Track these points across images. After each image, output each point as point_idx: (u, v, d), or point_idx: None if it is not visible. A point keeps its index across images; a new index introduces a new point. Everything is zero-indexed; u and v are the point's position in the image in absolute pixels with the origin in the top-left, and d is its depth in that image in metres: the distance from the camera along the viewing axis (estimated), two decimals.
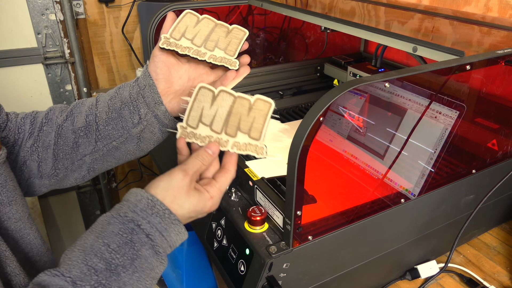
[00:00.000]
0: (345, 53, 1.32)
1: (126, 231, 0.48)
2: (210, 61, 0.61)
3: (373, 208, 0.67)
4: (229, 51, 0.62)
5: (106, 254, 0.47)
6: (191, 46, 0.61)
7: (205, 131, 0.57)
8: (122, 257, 0.47)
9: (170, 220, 0.51)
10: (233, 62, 0.62)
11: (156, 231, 0.50)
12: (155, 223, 0.50)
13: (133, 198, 0.51)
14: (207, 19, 0.63)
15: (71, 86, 1.70)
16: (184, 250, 1.25)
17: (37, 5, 1.53)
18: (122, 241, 0.48)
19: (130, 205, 0.51)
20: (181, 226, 0.52)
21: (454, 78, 0.69)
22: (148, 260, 0.49)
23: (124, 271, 0.47)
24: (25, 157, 0.64)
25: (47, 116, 0.66)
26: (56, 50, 1.62)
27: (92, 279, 0.45)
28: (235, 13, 1.42)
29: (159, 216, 0.50)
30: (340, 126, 0.90)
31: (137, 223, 0.49)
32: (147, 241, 0.49)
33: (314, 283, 0.67)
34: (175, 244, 0.53)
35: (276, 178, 0.76)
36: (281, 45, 1.63)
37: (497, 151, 0.80)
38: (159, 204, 0.51)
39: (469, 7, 1.00)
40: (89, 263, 0.46)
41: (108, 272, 0.46)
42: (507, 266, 0.83)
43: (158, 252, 0.50)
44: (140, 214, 0.50)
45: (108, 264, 0.46)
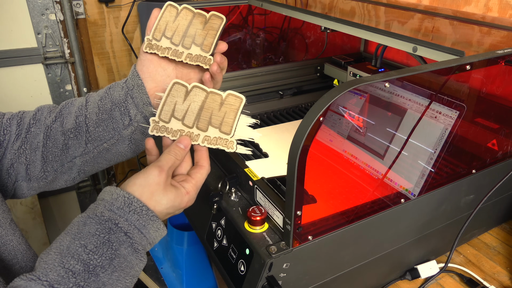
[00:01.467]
0: (345, 53, 1.32)
1: (104, 231, 0.48)
2: (186, 61, 0.62)
3: (373, 208, 0.67)
4: (205, 47, 0.62)
5: (84, 255, 0.46)
6: (170, 46, 0.62)
7: (177, 125, 0.59)
8: (100, 258, 0.46)
9: (148, 217, 0.50)
10: (208, 60, 0.62)
11: (134, 229, 0.49)
12: (133, 221, 0.49)
13: (108, 196, 0.50)
14: (186, 9, 0.62)
15: (71, 86, 1.70)
16: (184, 250, 1.25)
17: (37, 5, 1.53)
18: (100, 241, 0.47)
19: (106, 204, 0.50)
20: (159, 222, 0.52)
21: (454, 78, 0.69)
22: (127, 258, 0.49)
23: (102, 271, 0.46)
24: (12, 159, 0.62)
25: (35, 117, 0.64)
26: (56, 50, 1.62)
27: (70, 281, 0.44)
28: (235, 13, 1.42)
29: (137, 213, 0.50)
30: (340, 126, 0.90)
31: (114, 222, 0.48)
32: (126, 239, 0.48)
33: (314, 283, 0.67)
34: (155, 241, 0.52)
35: (276, 178, 0.76)
36: (281, 45, 1.63)
37: (497, 151, 0.80)
38: (136, 201, 0.50)
39: (469, 7, 1.00)
40: (66, 266, 0.45)
41: (86, 274, 0.45)
42: (507, 266, 0.83)
43: (137, 250, 0.49)
44: (117, 212, 0.49)
45: (86, 265, 0.46)
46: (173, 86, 0.59)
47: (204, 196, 0.80)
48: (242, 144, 0.60)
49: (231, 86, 1.15)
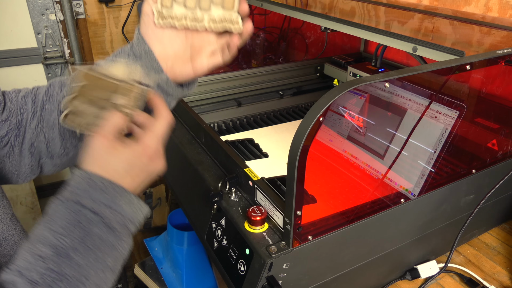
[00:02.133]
0: (345, 53, 1.32)
1: (71, 213, 0.46)
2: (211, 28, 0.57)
3: (373, 208, 0.67)
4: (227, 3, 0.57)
5: (52, 239, 0.44)
6: (186, 12, 0.57)
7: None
8: (70, 240, 0.45)
9: (115, 191, 0.48)
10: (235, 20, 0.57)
11: (102, 205, 0.47)
12: (99, 198, 0.47)
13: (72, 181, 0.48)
14: None
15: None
16: (184, 250, 1.25)
17: (37, 5, 1.53)
18: (68, 223, 0.45)
19: (69, 187, 0.48)
20: (129, 194, 0.49)
21: (454, 78, 0.69)
22: (104, 238, 0.47)
23: (75, 252, 0.45)
24: (32, 139, 0.61)
25: (47, 93, 0.62)
26: (56, 50, 1.62)
27: (39, 265, 0.43)
28: None
29: (100, 189, 0.47)
30: (340, 126, 0.90)
31: (79, 203, 0.47)
32: (95, 217, 0.46)
33: (314, 283, 0.67)
34: (135, 217, 0.50)
35: (276, 178, 0.76)
36: (281, 45, 1.63)
37: (497, 151, 0.80)
38: (97, 178, 0.48)
39: (469, 7, 1.00)
40: (34, 251, 0.44)
41: (57, 257, 0.44)
42: (507, 266, 0.83)
43: (112, 228, 0.47)
44: (81, 194, 0.47)
45: (56, 248, 0.44)
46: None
47: (204, 196, 0.80)
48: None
49: (230, 86, 1.15)
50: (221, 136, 0.95)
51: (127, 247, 0.49)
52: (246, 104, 1.14)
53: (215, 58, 0.60)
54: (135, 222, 0.50)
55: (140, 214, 0.50)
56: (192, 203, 0.88)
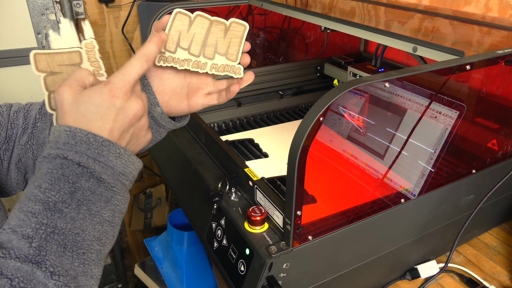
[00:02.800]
0: (345, 53, 1.32)
1: (56, 167, 0.45)
2: (212, 72, 0.60)
3: (373, 208, 0.67)
4: (231, 56, 0.60)
5: (40, 194, 0.44)
6: (189, 57, 0.59)
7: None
8: (58, 193, 0.44)
9: (98, 143, 0.46)
10: (237, 69, 0.60)
11: (88, 158, 0.45)
12: (83, 151, 0.46)
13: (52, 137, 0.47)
14: (200, 17, 0.58)
15: None
16: (184, 250, 1.25)
17: (37, 5, 1.53)
18: (54, 178, 0.44)
19: (51, 144, 0.46)
20: (116, 146, 0.47)
21: (454, 78, 0.69)
22: (95, 191, 0.46)
23: (65, 206, 0.44)
24: (20, 154, 0.62)
25: (41, 111, 0.63)
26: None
27: (32, 221, 0.43)
28: (235, 13, 1.42)
29: (84, 142, 0.46)
30: (340, 126, 0.90)
31: (63, 156, 0.45)
32: (82, 170, 0.45)
33: (314, 283, 0.67)
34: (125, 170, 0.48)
35: (276, 178, 0.76)
36: (281, 45, 1.63)
37: (497, 151, 0.80)
38: (79, 131, 0.46)
39: (469, 7, 1.00)
40: (24, 209, 0.43)
41: (48, 211, 0.43)
42: (507, 266, 0.83)
43: (102, 180, 0.46)
44: (63, 148, 0.46)
45: (45, 203, 0.43)
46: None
47: (204, 196, 0.80)
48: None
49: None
50: (221, 136, 0.95)
51: (124, 200, 0.48)
52: (246, 104, 1.14)
53: (211, 99, 0.63)
54: (127, 175, 0.48)
55: (132, 167, 0.49)
56: (192, 203, 0.88)
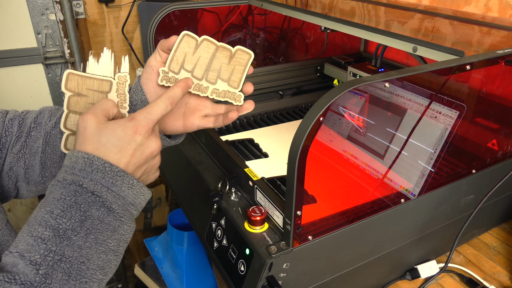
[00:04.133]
0: (345, 53, 1.32)
1: (69, 194, 0.45)
2: (212, 97, 0.60)
3: (373, 208, 0.67)
4: (233, 83, 0.60)
5: (51, 220, 0.44)
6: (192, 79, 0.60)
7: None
8: (69, 221, 0.44)
9: (114, 173, 0.47)
10: (238, 96, 0.60)
11: (102, 187, 0.46)
12: (98, 179, 0.46)
13: (68, 161, 0.48)
14: (207, 41, 0.59)
15: None
16: (184, 250, 1.25)
17: (37, 5, 1.53)
18: (66, 205, 0.45)
19: (67, 169, 0.47)
20: (130, 177, 0.48)
21: (454, 78, 0.69)
22: (104, 220, 0.46)
23: (74, 234, 0.44)
24: (12, 163, 0.61)
25: (36, 120, 0.63)
26: (56, 50, 1.62)
27: (41, 248, 0.43)
28: (235, 13, 1.42)
29: (100, 171, 0.46)
30: (340, 126, 0.90)
31: (78, 184, 0.46)
32: (95, 199, 0.46)
33: (314, 283, 0.67)
34: (135, 200, 0.49)
35: (276, 178, 0.76)
36: (281, 45, 1.63)
37: (497, 151, 0.80)
38: (97, 159, 0.47)
39: (469, 7, 1.00)
40: (34, 234, 0.44)
41: (57, 238, 0.44)
42: (507, 266, 0.83)
43: (112, 209, 0.47)
44: (79, 174, 0.46)
45: (56, 230, 0.44)
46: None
47: (204, 196, 0.80)
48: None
49: None
50: (221, 136, 0.95)
51: (130, 230, 0.49)
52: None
53: (207, 122, 0.63)
54: (136, 206, 0.49)
55: (142, 198, 0.50)
56: (192, 203, 0.88)
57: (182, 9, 1.14)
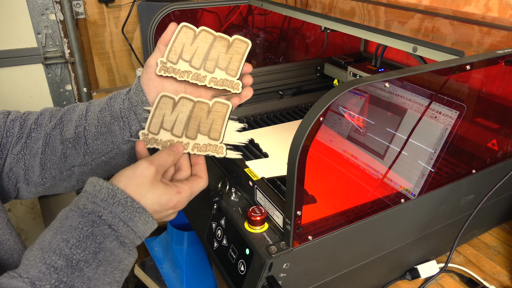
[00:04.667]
0: (345, 53, 1.32)
1: (87, 224, 0.46)
2: (211, 85, 0.60)
3: (373, 208, 0.67)
4: (231, 71, 0.60)
5: (66, 250, 0.44)
6: (190, 69, 0.60)
7: (166, 136, 0.59)
8: (83, 252, 0.45)
9: (134, 209, 0.48)
10: (236, 84, 0.60)
11: (119, 221, 0.47)
12: (118, 213, 0.47)
13: (91, 188, 0.48)
14: (205, 31, 0.60)
15: (71, 86, 1.70)
16: (184, 250, 1.25)
17: (37, 5, 1.53)
18: (83, 235, 0.45)
19: (89, 196, 0.48)
20: (147, 214, 0.50)
21: (454, 78, 0.69)
22: (114, 252, 0.47)
23: (87, 266, 0.44)
24: (12, 163, 0.61)
25: (36, 121, 0.63)
26: (56, 50, 1.62)
27: (52, 277, 0.43)
28: (235, 13, 1.42)
29: (121, 205, 0.47)
30: (340, 126, 0.90)
31: (98, 214, 0.46)
32: (111, 232, 0.46)
33: (314, 283, 0.67)
34: (144, 234, 0.50)
35: (276, 178, 0.76)
36: (281, 45, 1.63)
37: (497, 151, 0.80)
38: (120, 192, 0.48)
39: (469, 7, 0.99)
40: (48, 261, 0.43)
41: (69, 269, 0.44)
42: (507, 266, 0.83)
43: (124, 243, 0.48)
44: (100, 204, 0.47)
45: (69, 260, 0.44)
46: (160, 99, 0.59)
47: (204, 196, 0.80)
48: (232, 149, 0.61)
49: None
50: None
51: (133, 261, 0.50)
52: (246, 104, 1.14)
53: None
54: (142, 238, 0.51)
55: (149, 231, 0.52)
56: (192, 203, 0.87)
57: (182, 9, 1.14)
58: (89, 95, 1.72)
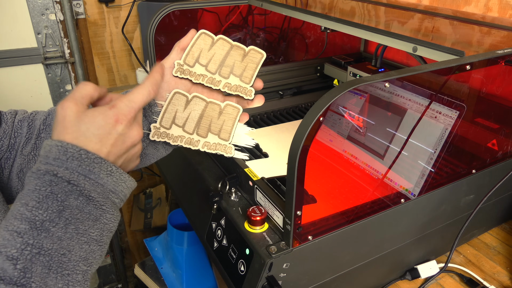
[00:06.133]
0: (345, 53, 1.32)
1: (44, 184, 0.44)
2: (224, 90, 0.62)
3: (373, 208, 0.67)
4: (245, 78, 0.62)
5: (27, 213, 0.43)
6: (205, 73, 0.61)
7: (178, 131, 0.60)
8: (46, 212, 0.43)
9: (90, 160, 0.45)
10: (249, 91, 0.62)
11: (79, 176, 0.45)
12: (74, 168, 0.45)
13: (42, 151, 0.46)
14: (223, 40, 0.62)
15: (71, 86, 1.70)
16: (184, 250, 1.25)
17: (37, 5, 1.53)
18: (41, 195, 0.43)
19: (41, 159, 0.45)
20: (108, 164, 0.47)
21: (454, 78, 0.69)
22: (84, 209, 0.45)
23: (53, 225, 0.43)
24: (22, 164, 0.61)
25: (45, 122, 0.62)
26: (56, 50, 1.62)
27: (17, 241, 0.41)
28: (235, 13, 1.42)
29: (76, 159, 0.45)
30: (340, 126, 0.90)
31: (53, 173, 0.44)
32: (72, 188, 0.44)
33: (314, 283, 0.67)
34: (116, 187, 0.48)
35: (276, 178, 0.76)
36: (281, 45, 1.63)
37: (497, 151, 0.80)
38: (71, 147, 0.45)
39: (469, 7, 0.99)
40: (10, 228, 0.42)
41: (34, 231, 0.42)
42: (507, 266, 0.83)
43: (91, 198, 0.45)
44: (53, 163, 0.45)
45: (32, 222, 0.42)
46: (174, 95, 0.60)
47: (204, 196, 0.80)
48: (239, 150, 0.63)
49: None
50: None
51: (113, 219, 0.47)
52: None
53: None
54: (118, 194, 0.48)
55: (123, 185, 0.49)
56: (192, 203, 0.88)
57: (182, 9, 1.14)
58: None
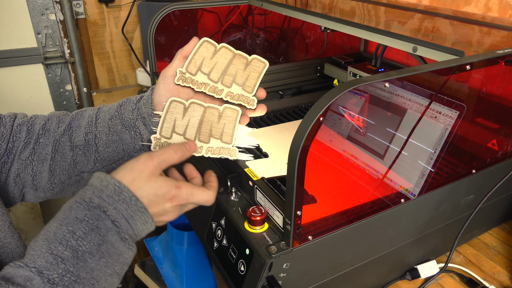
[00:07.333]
0: (345, 53, 1.32)
1: (92, 217, 0.48)
2: (227, 99, 0.62)
3: (373, 208, 0.67)
4: (247, 87, 0.62)
5: (72, 241, 0.46)
6: (208, 82, 0.61)
7: (179, 140, 0.60)
8: (88, 244, 0.46)
9: (137, 208, 0.50)
10: (251, 100, 0.62)
11: (122, 218, 0.49)
12: (122, 210, 0.49)
13: (98, 183, 0.50)
14: (225, 48, 0.61)
15: (71, 86, 1.70)
16: (184, 250, 1.25)
17: (37, 5, 1.53)
18: (88, 228, 0.47)
19: (95, 190, 0.49)
20: (148, 215, 0.51)
21: (454, 78, 0.69)
22: (115, 245, 0.49)
23: (90, 257, 0.46)
24: (19, 169, 0.62)
25: (44, 127, 0.63)
26: (56, 50, 1.62)
27: (60, 267, 0.44)
28: (235, 13, 1.42)
29: (126, 203, 0.49)
30: (340, 126, 0.90)
31: (103, 209, 0.48)
32: (113, 227, 0.48)
33: (314, 283, 0.67)
34: (141, 233, 0.52)
35: (276, 178, 0.76)
36: (281, 45, 1.63)
37: (497, 151, 0.80)
38: (126, 190, 0.49)
39: (469, 7, 0.99)
40: (55, 252, 0.45)
41: (75, 260, 0.45)
42: (507, 266, 0.83)
43: (124, 239, 0.49)
44: (106, 200, 0.49)
45: (75, 251, 0.46)
46: (170, 104, 0.60)
47: None
48: (243, 151, 0.63)
49: None
50: None
51: (132, 255, 0.51)
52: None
53: None
54: (138, 237, 0.52)
55: (146, 232, 0.53)
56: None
57: (182, 9, 1.14)
58: (89, 95, 1.72)
